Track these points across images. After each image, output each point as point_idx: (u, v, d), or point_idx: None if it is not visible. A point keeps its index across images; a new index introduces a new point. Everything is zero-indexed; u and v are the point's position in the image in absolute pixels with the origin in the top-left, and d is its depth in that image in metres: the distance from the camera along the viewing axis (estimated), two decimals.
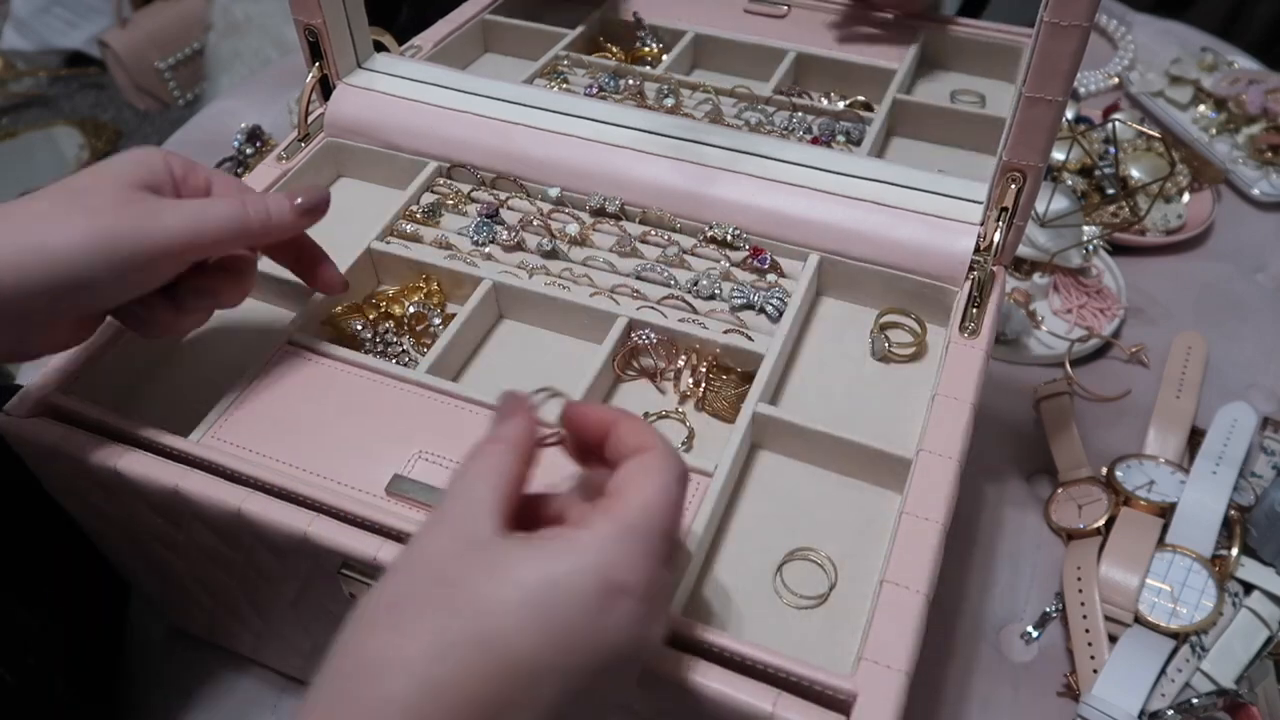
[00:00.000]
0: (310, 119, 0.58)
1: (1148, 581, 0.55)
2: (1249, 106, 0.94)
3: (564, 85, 0.66)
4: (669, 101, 0.64)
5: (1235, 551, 0.57)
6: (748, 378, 0.45)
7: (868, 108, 0.65)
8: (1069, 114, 0.91)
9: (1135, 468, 0.62)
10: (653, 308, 0.48)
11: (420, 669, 0.25)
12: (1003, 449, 0.67)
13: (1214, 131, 0.94)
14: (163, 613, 0.56)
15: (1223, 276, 0.81)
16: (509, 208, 0.55)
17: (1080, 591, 0.56)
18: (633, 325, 0.47)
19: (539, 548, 0.28)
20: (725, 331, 0.47)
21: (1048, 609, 0.57)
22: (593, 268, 0.51)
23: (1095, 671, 0.53)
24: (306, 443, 0.42)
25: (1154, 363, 0.73)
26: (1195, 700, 0.51)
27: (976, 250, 0.47)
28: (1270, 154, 0.91)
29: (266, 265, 0.50)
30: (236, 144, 0.89)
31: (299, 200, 0.42)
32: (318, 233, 0.58)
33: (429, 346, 0.46)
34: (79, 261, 0.36)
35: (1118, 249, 0.82)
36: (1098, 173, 0.82)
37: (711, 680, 0.33)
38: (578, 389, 0.44)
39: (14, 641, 0.47)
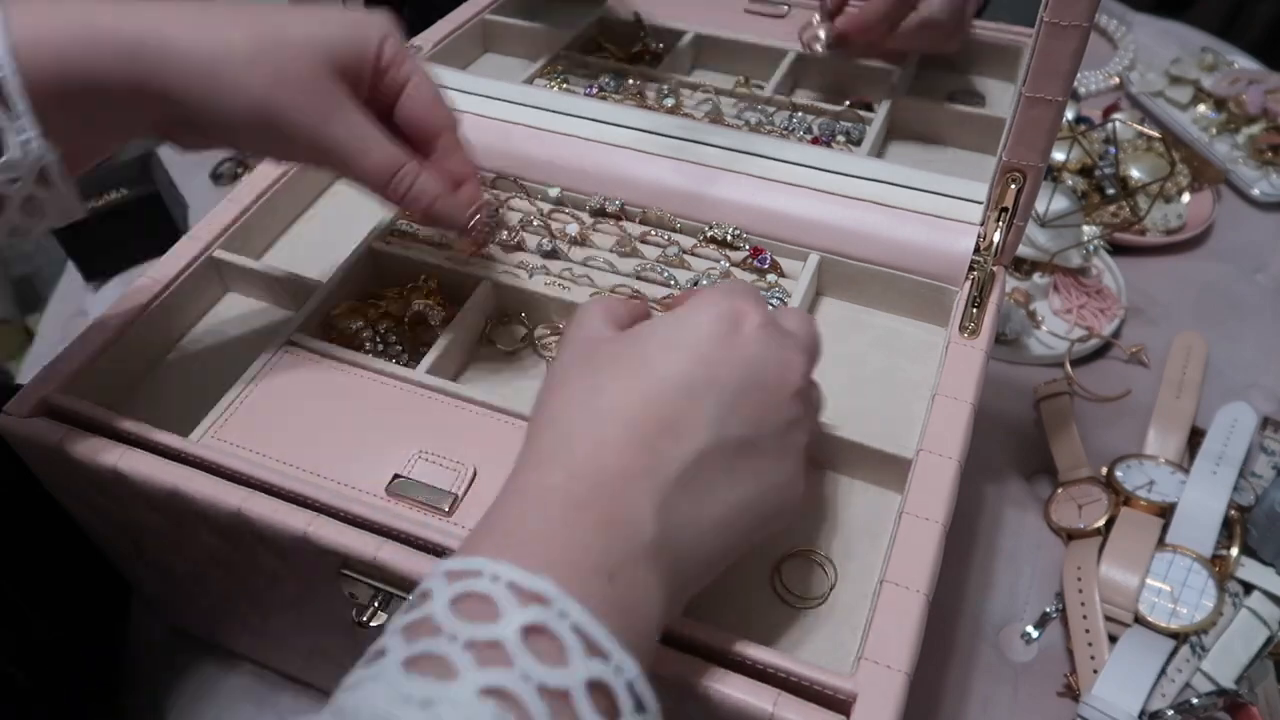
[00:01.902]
0: None
1: (1148, 581, 0.55)
2: (1249, 106, 0.94)
3: (564, 85, 0.66)
4: (669, 101, 0.64)
5: (1235, 551, 0.57)
6: None
7: (868, 108, 0.65)
8: (1069, 114, 0.91)
9: (1135, 468, 0.62)
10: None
11: (600, 403, 0.30)
12: (1003, 449, 0.67)
13: (1214, 131, 0.94)
14: (163, 613, 0.56)
15: (1223, 276, 0.81)
16: (509, 208, 0.55)
17: (1080, 591, 0.56)
18: None
19: (661, 318, 0.33)
20: None
21: (1048, 609, 0.57)
22: (593, 268, 0.51)
23: (1095, 671, 0.53)
24: (306, 443, 0.42)
25: (1154, 363, 0.73)
26: (1195, 700, 0.51)
27: (976, 250, 0.47)
28: (1270, 154, 0.91)
29: (265, 264, 0.51)
30: None
31: (447, 208, 0.41)
32: (316, 230, 0.58)
33: (429, 346, 0.46)
34: (223, 119, 0.36)
35: (1118, 249, 0.82)
36: (1098, 173, 0.82)
37: (711, 680, 0.33)
38: None
39: (18, 641, 0.47)
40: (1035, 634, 0.57)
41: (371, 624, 0.38)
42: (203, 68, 0.35)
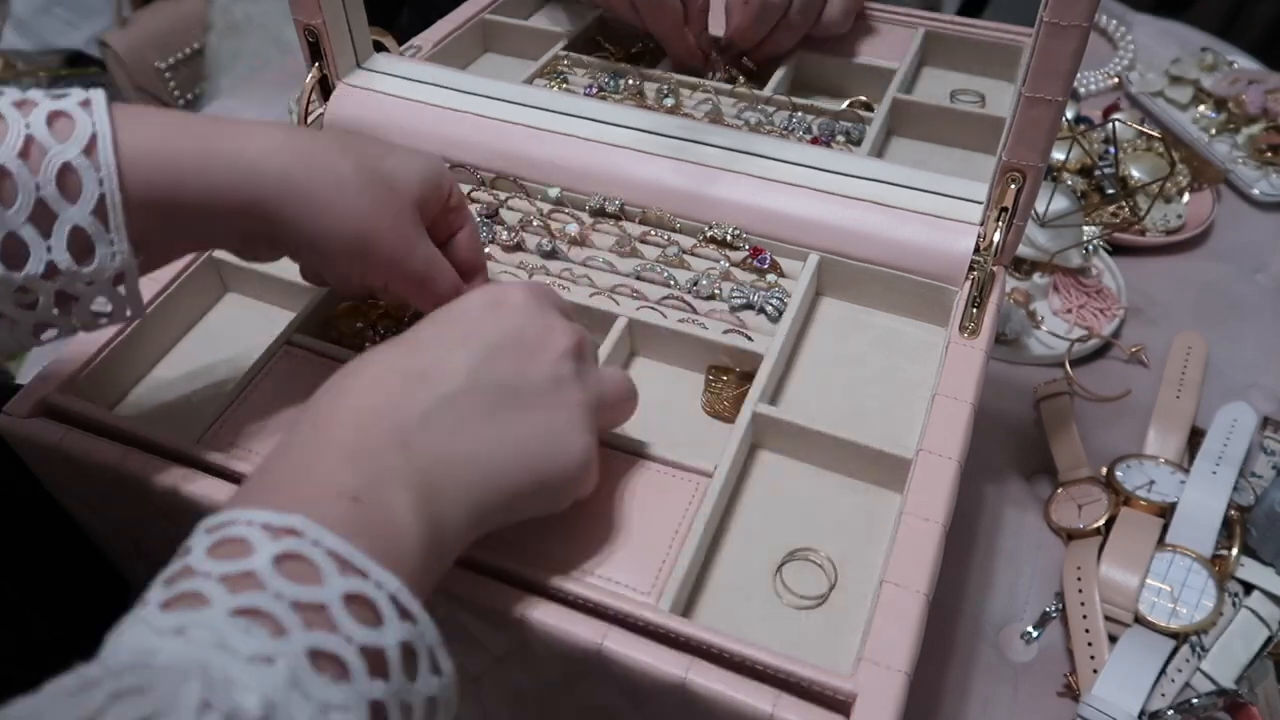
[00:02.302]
0: (310, 119, 0.58)
1: (1148, 581, 0.55)
2: (1249, 106, 0.94)
3: (564, 85, 0.66)
4: (669, 101, 0.64)
5: (1235, 551, 0.57)
6: (747, 378, 0.45)
7: (868, 108, 0.64)
8: (1069, 114, 0.91)
9: (1135, 468, 0.62)
10: (652, 308, 0.48)
11: (357, 370, 0.33)
12: (1003, 449, 0.67)
13: (1214, 131, 0.94)
14: None
15: (1223, 276, 0.81)
16: (509, 208, 0.55)
17: (1080, 591, 0.56)
18: (632, 325, 0.47)
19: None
20: (725, 332, 0.47)
21: (1048, 609, 0.57)
22: (592, 268, 0.51)
23: (1095, 671, 0.53)
24: None
25: (1154, 363, 0.73)
26: (1195, 700, 0.51)
27: (976, 250, 0.47)
28: (1270, 154, 0.91)
29: (265, 265, 0.50)
30: None
31: None
32: None
33: None
34: (324, 241, 0.38)
35: (1118, 249, 0.82)
36: (1098, 173, 0.82)
37: (711, 680, 0.33)
38: None
39: (18, 641, 0.47)
40: (1035, 634, 0.57)
41: None
42: (316, 195, 0.37)
